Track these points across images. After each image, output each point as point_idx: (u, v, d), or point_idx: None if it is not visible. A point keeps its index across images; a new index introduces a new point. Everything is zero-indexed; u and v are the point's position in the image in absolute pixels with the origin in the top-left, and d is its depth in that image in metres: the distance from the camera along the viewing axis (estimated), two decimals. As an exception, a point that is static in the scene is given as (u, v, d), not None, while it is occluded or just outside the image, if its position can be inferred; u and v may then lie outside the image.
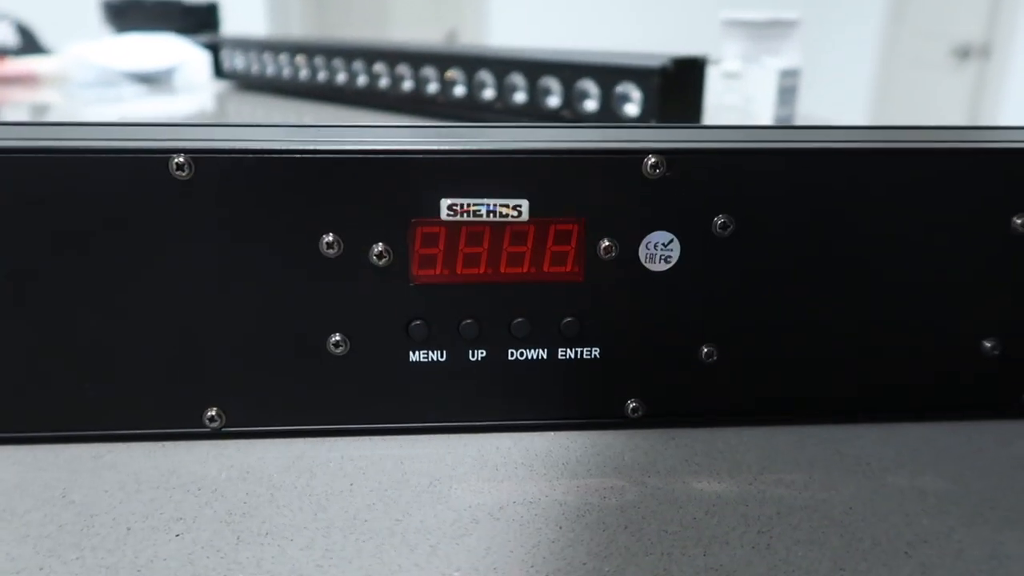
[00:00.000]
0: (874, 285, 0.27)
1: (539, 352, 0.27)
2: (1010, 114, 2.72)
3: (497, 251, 0.26)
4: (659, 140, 0.26)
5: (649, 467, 0.26)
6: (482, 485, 0.25)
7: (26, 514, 0.23)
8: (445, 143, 0.25)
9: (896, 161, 0.26)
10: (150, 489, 0.25)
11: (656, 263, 0.26)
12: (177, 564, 0.21)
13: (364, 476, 0.26)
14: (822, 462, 0.27)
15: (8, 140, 0.24)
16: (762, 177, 0.26)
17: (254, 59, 1.19)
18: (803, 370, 0.28)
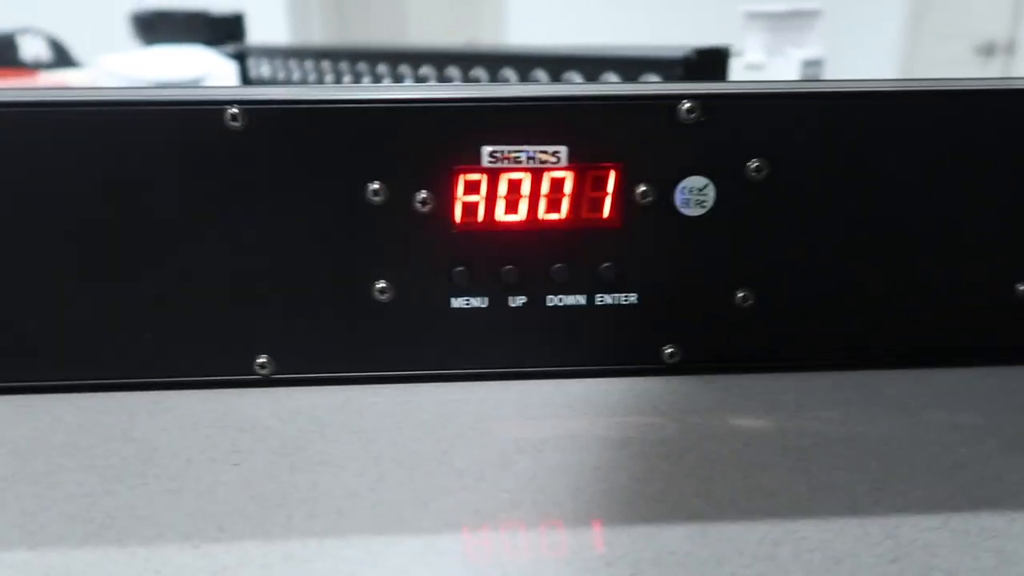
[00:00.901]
0: (907, 230, 0.28)
1: (577, 298, 0.28)
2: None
3: (536, 197, 0.27)
4: (694, 88, 0.26)
5: (687, 407, 0.27)
6: (525, 423, 0.26)
7: (90, 448, 0.24)
8: (486, 92, 0.26)
9: (926, 103, 0.26)
10: (206, 428, 0.26)
11: (691, 208, 0.27)
12: (237, 488, 0.22)
13: (410, 416, 0.26)
14: (859, 401, 0.27)
15: (70, 96, 0.25)
16: (794, 121, 0.26)
17: (280, 66, 1.21)
18: (838, 315, 0.29)
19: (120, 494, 0.22)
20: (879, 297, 0.29)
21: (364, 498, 0.22)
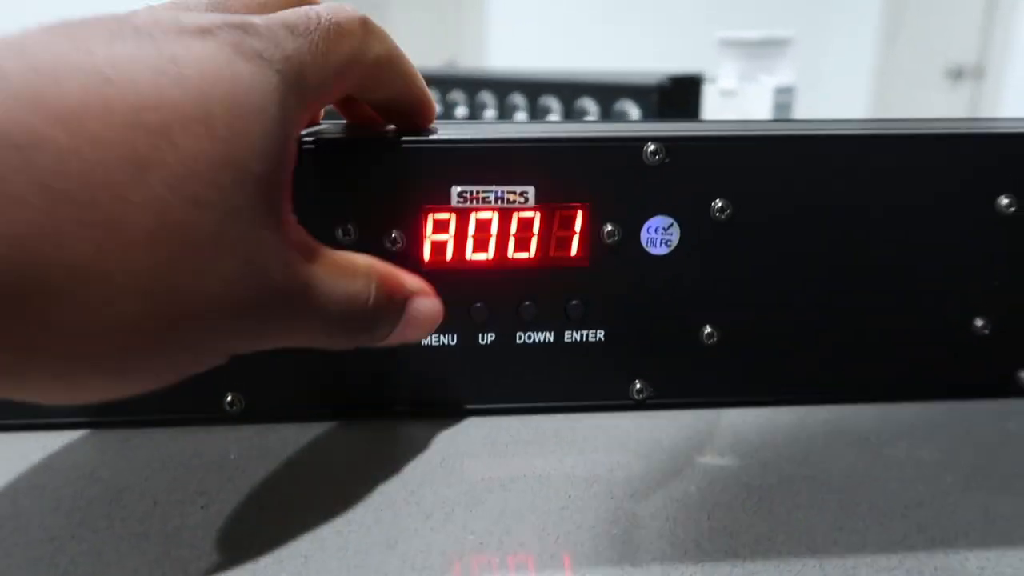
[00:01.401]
0: (868, 267, 0.28)
1: (546, 335, 0.28)
2: (1005, 133, 2.75)
3: (505, 236, 0.27)
4: (659, 130, 0.27)
5: (654, 444, 0.27)
6: (493, 461, 0.26)
7: (57, 489, 0.24)
8: (455, 134, 0.26)
9: (884, 146, 0.27)
10: (175, 467, 0.26)
11: (657, 247, 0.28)
12: (203, 531, 0.22)
13: (378, 454, 0.27)
14: (821, 437, 0.28)
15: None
16: (757, 163, 0.27)
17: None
18: (802, 351, 0.29)
19: (85, 538, 0.22)
20: (841, 333, 0.29)
21: (331, 541, 0.22)
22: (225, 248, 0.17)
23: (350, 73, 0.22)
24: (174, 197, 0.16)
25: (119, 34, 0.17)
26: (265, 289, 0.18)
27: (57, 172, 0.15)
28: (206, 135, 0.16)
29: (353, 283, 0.21)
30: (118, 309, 0.16)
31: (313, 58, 0.20)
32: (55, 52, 0.16)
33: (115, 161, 0.15)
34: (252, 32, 0.18)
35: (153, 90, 0.16)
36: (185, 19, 0.18)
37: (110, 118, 0.15)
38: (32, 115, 0.15)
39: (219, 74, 0.17)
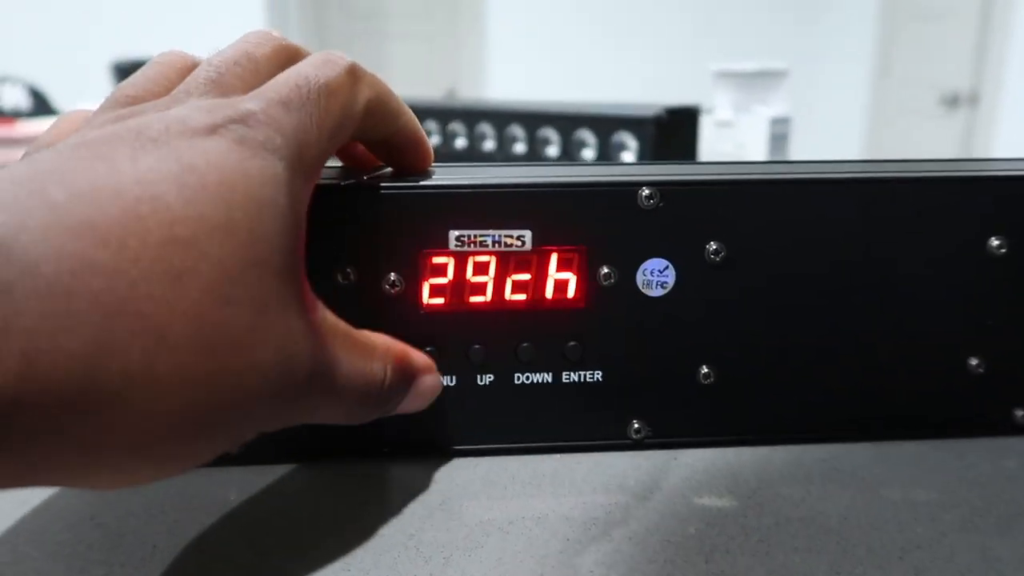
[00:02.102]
0: (862, 308, 0.29)
1: (544, 376, 0.29)
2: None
3: (502, 279, 0.27)
4: (653, 174, 0.27)
5: (652, 485, 0.27)
6: (492, 503, 0.26)
7: (56, 535, 0.24)
8: (454, 179, 0.27)
9: (876, 190, 0.28)
10: (174, 511, 0.26)
11: (653, 289, 0.28)
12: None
13: (377, 496, 0.27)
14: (818, 477, 0.28)
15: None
16: (750, 206, 0.27)
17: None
18: (797, 391, 0.30)
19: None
20: (836, 373, 0.29)
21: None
22: (258, 341, 0.19)
23: (344, 130, 0.23)
24: (209, 301, 0.17)
25: (140, 148, 0.18)
26: (296, 375, 0.20)
27: (107, 291, 0.16)
28: (230, 240, 0.18)
29: (371, 364, 0.23)
30: (167, 406, 0.17)
31: (310, 130, 0.21)
32: (90, 176, 0.17)
33: (155, 275, 0.17)
34: (253, 124, 0.20)
35: (180, 204, 0.17)
36: (191, 119, 0.19)
37: (147, 236, 0.17)
38: (81, 241, 0.16)
39: (233, 177, 0.18)
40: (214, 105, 0.20)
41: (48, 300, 0.15)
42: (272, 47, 0.23)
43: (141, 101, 0.21)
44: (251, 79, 0.22)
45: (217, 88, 0.21)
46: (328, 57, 0.23)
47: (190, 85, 0.21)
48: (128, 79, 0.22)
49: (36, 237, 0.16)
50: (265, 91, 0.21)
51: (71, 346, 0.16)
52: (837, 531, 0.24)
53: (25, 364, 0.15)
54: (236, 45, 0.23)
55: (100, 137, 0.18)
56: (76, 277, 0.16)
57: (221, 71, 0.22)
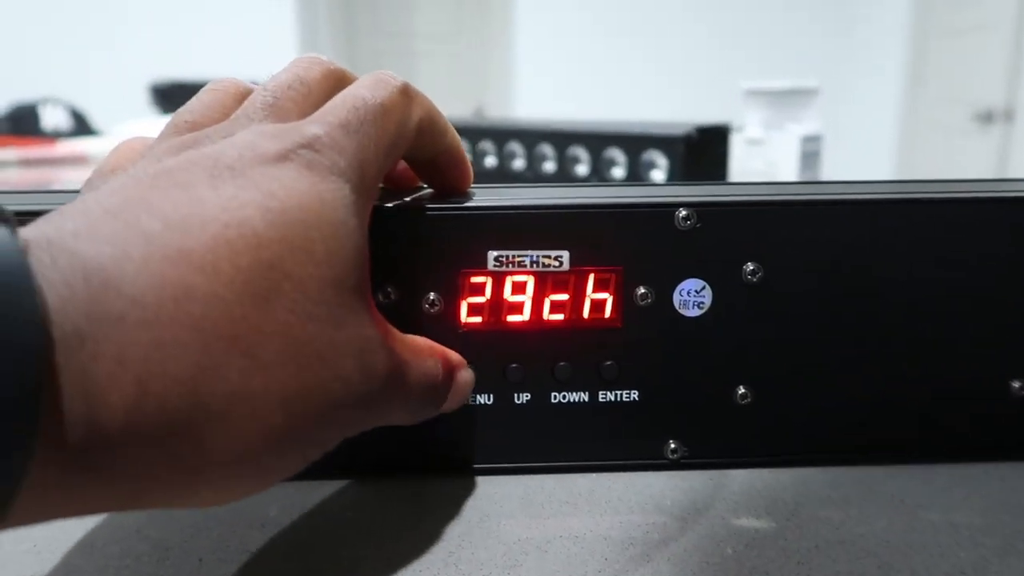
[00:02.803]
0: (902, 329, 0.29)
1: (580, 395, 0.29)
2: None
3: (540, 299, 0.28)
4: (690, 195, 0.28)
5: (689, 505, 0.27)
6: (529, 521, 0.27)
7: (104, 547, 0.25)
8: (492, 200, 0.27)
9: (912, 211, 0.28)
10: (218, 525, 0.26)
11: (689, 309, 0.28)
12: (247, 591, 0.23)
13: (415, 513, 0.27)
14: (857, 500, 0.28)
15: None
16: (787, 227, 0.27)
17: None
18: (836, 413, 0.29)
19: (134, 597, 0.23)
20: (875, 394, 0.29)
21: (371, 603, 0.22)
22: (340, 353, 0.19)
23: (398, 148, 0.24)
24: (294, 319, 0.18)
25: (218, 177, 0.19)
26: (374, 381, 0.21)
27: (205, 316, 0.17)
28: (309, 260, 0.19)
29: (427, 363, 0.24)
30: (263, 422, 0.18)
31: (369, 150, 0.22)
32: (176, 205, 0.18)
33: (246, 297, 0.18)
34: (319, 148, 0.20)
35: (264, 228, 0.18)
36: (260, 146, 0.20)
37: (236, 260, 0.18)
38: (179, 269, 0.17)
39: (308, 201, 0.19)
40: (280, 131, 0.21)
41: (155, 328, 0.16)
42: (321, 71, 0.24)
43: (200, 126, 0.22)
44: (305, 103, 0.23)
45: (274, 112, 0.22)
46: (380, 77, 0.24)
47: (248, 110, 0.22)
48: (186, 106, 0.23)
49: (139, 267, 0.16)
50: (325, 115, 0.22)
51: (177, 371, 0.16)
52: (878, 554, 0.24)
53: (139, 391, 0.16)
54: (288, 70, 0.24)
55: (177, 165, 0.19)
56: (178, 304, 0.17)
57: (277, 95, 0.22)
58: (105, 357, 0.16)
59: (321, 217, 0.19)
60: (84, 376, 0.15)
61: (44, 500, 0.16)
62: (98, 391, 0.16)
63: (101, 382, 0.16)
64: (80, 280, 0.16)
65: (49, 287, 0.15)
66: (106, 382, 0.16)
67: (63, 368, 0.15)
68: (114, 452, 0.16)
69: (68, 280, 0.16)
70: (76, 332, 0.15)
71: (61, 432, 0.15)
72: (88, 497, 0.17)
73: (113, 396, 0.16)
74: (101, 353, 0.16)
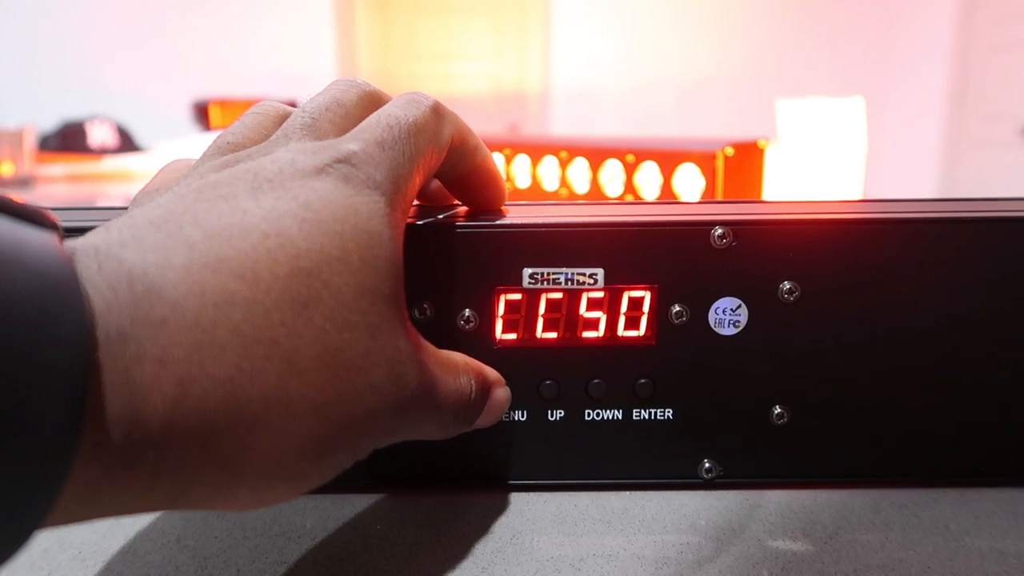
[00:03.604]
0: (943, 350, 0.28)
1: (615, 413, 0.29)
2: (1086, 193, 2.64)
3: (574, 316, 0.28)
4: (725, 213, 0.28)
5: (724, 526, 0.27)
6: (562, 539, 0.26)
7: (146, 555, 0.26)
8: (527, 217, 0.27)
9: (954, 230, 0.27)
10: (255, 536, 0.27)
11: (725, 327, 0.28)
12: (283, 602, 0.23)
13: (449, 528, 0.27)
14: (898, 524, 0.27)
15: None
16: (824, 246, 0.27)
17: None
18: (875, 433, 0.29)
19: (173, 605, 0.23)
20: (915, 415, 0.29)
21: (405, 617, 0.22)
22: (373, 362, 0.20)
23: (431, 164, 0.24)
24: (331, 326, 0.19)
25: (258, 188, 0.20)
26: (405, 392, 0.21)
27: (245, 320, 0.17)
28: (346, 270, 0.19)
29: (459, 379, 0.24)
30: (299, 427, 0.18)
31: (403, 166, 0.22)
32: (219, 215, 0.19)
33: (285, 304, 0.18)
34: (355, 163, 0.21)
35: (301, 238, 0.19)
36: (299, 161, 0.20)
37: (276, 268, 0.18)
38: (219, 276, 0.17)
39: (344, 212, 0.20)
40: (318, 147, 0.21)
41: (196, 331, 0.17)
42: (358, 93, 0.24)
43: (242, 147, 0.23)
44: (342, 123, 0.23)
45: (313, 132, 0.23)
46: (413, 97, 0.24)
47: (287, 130, 0.23)
48: (228, 128, 0.24)
49: (181, 274, 0.17)
50: (361, 133, 0.22)
51: (217, 373, 0.17)
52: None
53: (180, 391, 0.16)
54: (326, 92, 0.24)
55: (220, 180, 0.20)
56: (218, 309, 0.17)
57: (315, 116, 0.23)
58: (148, 358, 0.16)
59: (356, 228, 0.20)
60: (127, 376, 0.16)
61: (86, 498, 0.16)
62: (141, 391, 0.16)
63: (144, 382, 0.16)
64: (124, 285, 0.16)
65: (95, 291, 0.16)
66: (148, 382, 0.16)
67: (107, 368, 0.16)
68: (155, 451, 0.16)
69: (113, 285, 0.16)
70: (120, 334, 0.16)
71: (105, 430, 0.16)
72: (128, 496, 0.17)
73: (155, 396, 0.16)
74: (144, 354, 0.16)
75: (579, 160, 0.85)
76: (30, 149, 1.31)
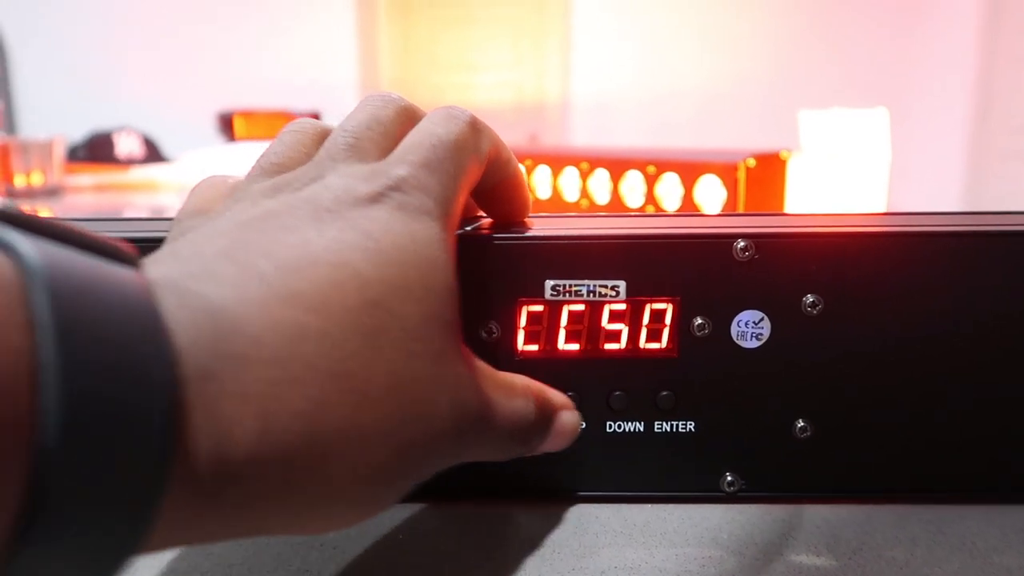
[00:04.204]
0: (967, 362, 0.28)
1: (636, 425, 0.29)
2: (1115, 204, 2.60)
3: (596, 328, 0.28)
4: (748, 226, 0.28)
5: (747, 539, 0.27)
6: (583, 551, 0.26)
7: (172, 563, 0.26)
8: (550, 230, 0.27)
9: (977, 243, 0.27)
10: (279, 544, 0.27)
11: (748, 340, 0.28)
12: (306, 611, 0.23)
13: (470, 540, 0.27)
14: (924, 540, 0.27)
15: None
16: (847, 259, 0.27)
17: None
18: (900, 448, 0.29)
19: (198, 612, 0.23)
20: (940, 430, 0.28)
21: (426, 627, 0.22)
22: (438, 389, 0.20)
23: (471, 181, 0.25)
24: (398, 356, 0.19)
25: (319, 219, 0.20)
26: (468, 417, 0.21)
27: (318, 354, 0.18)
28: (410, 298, 0.20)
29: (517, 402, 0.24)
30: (372, 455, 0.19)
31: (449, 187, 0.23)
32: (286, 246, 0.19)
33: (355, 335, 0.18)
34: (407, 190, 0.21)
35: (367, 268, 0.19)
36: (354, 188, 0.21)
37: (345, 300, 0.19)
38: (293, 309, 0.18)
39: (403, 240, 0.20)
40: (369, 173, 0.22)
41: (274, 366, 0.17)
42: (395, 109, 0.25)
43: (286, 168, 0.23)
44: (383, 141, 0.24)
45: (356, 153, 0.23)
46: (451, 113, 0.25)
47: (331, 151, 0.23)
48: (270, 148, 0.24)
49: (257, 309, 0.17)
50: (406, 155, 0.23)
51: (295, 406, 0.17)
52: (946, 598, 0.24)
53: (261, 425, 0.17)
54: (364, 110, 0.25)
55: (279, 209, 0.20)
56: (293, 343, 0.18)
57: (357, 136, 0.23)
58: (230, 395, 0.16)
59: (417, 255, 0.20)
60: (211, 413, 0.16)
61: (172, 531, 0.16)
62: (224, 427, 0.16)
63: (227, 418, 0.16)
64: (206, 321, 0.17)
65: (178, 327, 0.16)
66: (231, 418, 0.16)
67: (192, 406, 0.16)
68: (238, 485, 0.17)
69: (196, 321, 0.17)
70: (204, 371, 0.16)
71: (191, 467, 0.16)
72: (211, 527, 0.17)
73: (237, 432, 0.16)
74: (226, 391, 0.16)
75: (600, 171, 0.85)
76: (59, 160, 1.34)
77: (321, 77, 3.37)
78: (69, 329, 0.14)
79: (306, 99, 2.62)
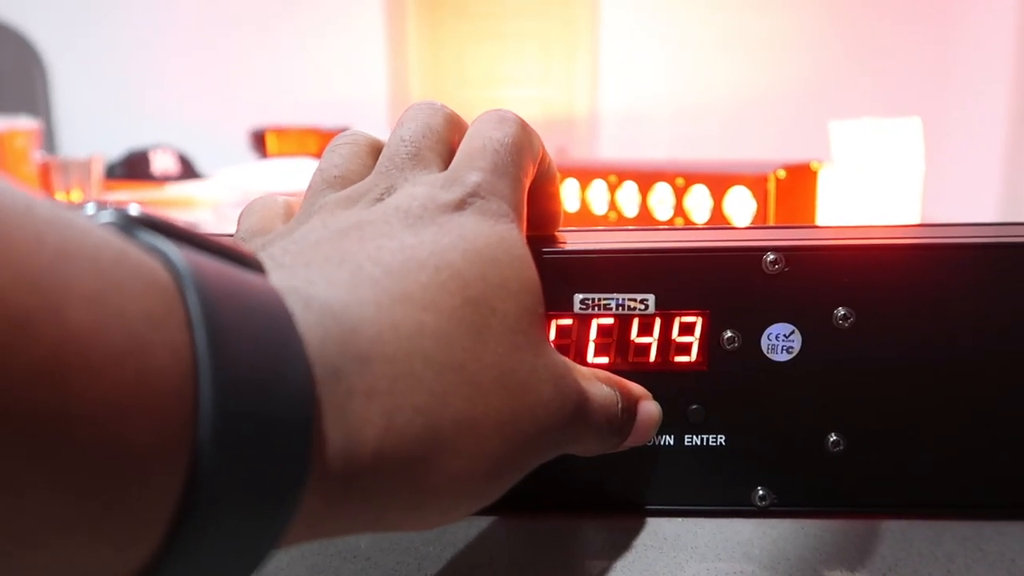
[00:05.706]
0: (1003, 377, 0.27)
1: (666, 439, 0.29)
2: None
3: (625, 342, 0.28)
4: (778, 239, 0.28)
5: (779, 555, 0.27)
6: (614, 564, 0.26)
7: (208, 572, 0.26)
8: (579, 244, 0.28)
9: (1013, 255, 0.27)
10: (312, 555, 0.27)
11: (778, 353, 0.28)
12: (339, 621, 0.24)
13: (501, 551, 0.27)
14: (961, 557, 0.26)
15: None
16: (879, 271, 0.27)
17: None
18: (935, 462, 0.28)
19: (234, 621, 0.24)
20: (977, 443, 0.28)
21: (458, 639, 0.23)
22: (539, 379, 0.21)
23: (530, 180, 0.25)
24: (503, 349, 0.20)
25: (412, 225, 0.21)
26: (568, 405, 0.22)
27: (435, 349, 0.19)
28: (507, 295, 0.21)
29: (604, 390, 0.24)
30: (485, 447, 0.19)
31: (516, 189, 0.23)
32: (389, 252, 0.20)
33: (465, 331, 0.19)
34: (484, 195, 0.22)
35: (466, 268, 0.20)
36: (437, 196, 0.22)
37: (451, 299, 0.19)
38: (407, 309, 0.19)
39: (494, 240, 0.21)
40: (444, 181, 0.22)
41: (395, 364, 0.18)
42: (444, 117, 0.26)
43: (349, 179, 0.24)
44: (440, 148, 0.24)
45: (420, 162, 0.24)
46: (502, 115, 0.25)
47: (395, 162, 0.24)
48: (328, 160, 0.25)
49: (373, 311, 0.18)
50: (474, 161, 0.23)
51: (416, 401, 0.18)
52: (984, 616, 0.23)
53: (386, 421, 0.17)
54: (415, 119, 0.25)
55: (371, 218, 0.21)
56: (412, 340, 0.18)
57: (417, 145, 0.24)
58: (357, 393, 0.17)
59: (508, 254, 0.21)
60: (341, 412, 0.17)
61: (304, 528, 0.17)
62: (353, 425, 0.17)
63: (355, 416, 0.17)
64: (332, 323, 0.17)
65: (308, 330, 0.17)
66: (360, 416, 0.17)
67: (326, 406, 0.17)
68: (363, 480, 0.17)
69: (322, 323, 0.17)
70: (333, 371, 0.17)
71: (326, 465, 0.16)
72: (336, 522, 0.18)
73: (366, 429, 0.17)
74: (353, 389, 0.17)
75: (628, 184, 0.85)
76: (98, 177, 1.37)
77: (351, 94, 3.41)
78: (218, 327, 0.14)
79: (336, 115, 2.66)
